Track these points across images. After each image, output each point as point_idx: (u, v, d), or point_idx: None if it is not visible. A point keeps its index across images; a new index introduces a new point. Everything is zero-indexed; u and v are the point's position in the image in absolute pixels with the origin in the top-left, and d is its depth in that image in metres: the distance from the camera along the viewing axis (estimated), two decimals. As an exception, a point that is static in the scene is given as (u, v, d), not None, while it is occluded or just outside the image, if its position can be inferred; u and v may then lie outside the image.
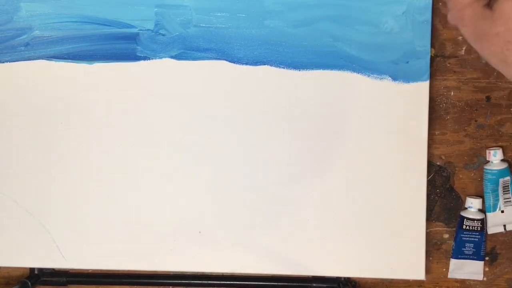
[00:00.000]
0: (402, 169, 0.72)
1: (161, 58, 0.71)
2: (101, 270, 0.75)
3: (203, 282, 0.74)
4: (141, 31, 0.70)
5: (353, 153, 0.72)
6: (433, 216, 0.75)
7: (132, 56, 0.70)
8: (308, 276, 0.74)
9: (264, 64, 0.71)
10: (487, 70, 0.73)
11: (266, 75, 0.71)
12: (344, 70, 0.71)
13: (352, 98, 0.71)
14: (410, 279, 0.75)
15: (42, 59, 0.71)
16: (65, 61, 0.70)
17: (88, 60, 0.70)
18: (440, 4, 0.70)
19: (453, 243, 0.75)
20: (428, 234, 0.74)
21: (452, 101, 0.74)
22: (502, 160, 0.73)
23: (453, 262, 0.75)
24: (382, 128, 0.71)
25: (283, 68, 0.71)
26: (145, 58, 0.71)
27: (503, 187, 0.73)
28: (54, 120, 0.71)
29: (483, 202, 0.74)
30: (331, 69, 0.71)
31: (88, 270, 0.75)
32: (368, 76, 0.71)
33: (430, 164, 0.74)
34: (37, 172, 0.72)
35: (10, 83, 0.71)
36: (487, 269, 0.75)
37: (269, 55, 0.71)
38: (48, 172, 0.72)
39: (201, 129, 0.71)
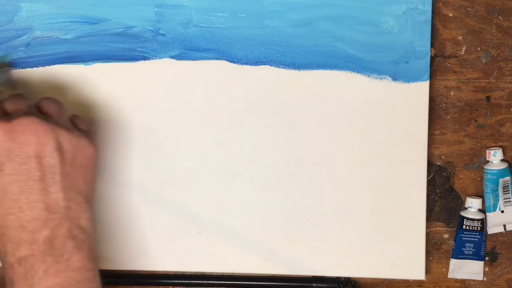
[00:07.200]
0: (402, 169, 0.72)
1: (161, 58, 0.71)
2: (99, 270, 0.75)
3: (203, 282, 0.74)
4: (141, 31, 0.70)
5: (353, 153, 0.72)
6: (433, 216, 0.75)
7: (131, 56, 0.70)
8: (308, 276, 0.74)
9: (264, 64, 0.71)
10: (487, 70, 0.73)
11: (266, 75, 0.71)
12: (344, 70, 0.71)
13: (352, 98, 0.71)
14: (410, 279, 0.75)
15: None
16: (64, 61, 0.70)
17: (87, 60, 0.70)
18: None
19: (453, 243, 0.75)
20: (428, 234, 0.74)
21: (452, 101, 0.74)
22: (502, 160, 0.73)
23: (453, 262, 0.75)
24: (382, 128, 0.71)
25: (283, 68, 0.71)
26: (145, 58, 0.70)
27: (503, 187, 0.73)
28: (54, 120, 0.71)
29: (483, 202, 0.74)
30: (331, 69, 0.71)
31: (88, 270, 0.75)
32: (368, 76, 0.71)
33: (430, 164, 0.73)
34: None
35: (11, 83, 0.71)
36: (487, 269, 0.75)
37: (269, 55, 0.71)
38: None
39: (201, 129, 0.71)
